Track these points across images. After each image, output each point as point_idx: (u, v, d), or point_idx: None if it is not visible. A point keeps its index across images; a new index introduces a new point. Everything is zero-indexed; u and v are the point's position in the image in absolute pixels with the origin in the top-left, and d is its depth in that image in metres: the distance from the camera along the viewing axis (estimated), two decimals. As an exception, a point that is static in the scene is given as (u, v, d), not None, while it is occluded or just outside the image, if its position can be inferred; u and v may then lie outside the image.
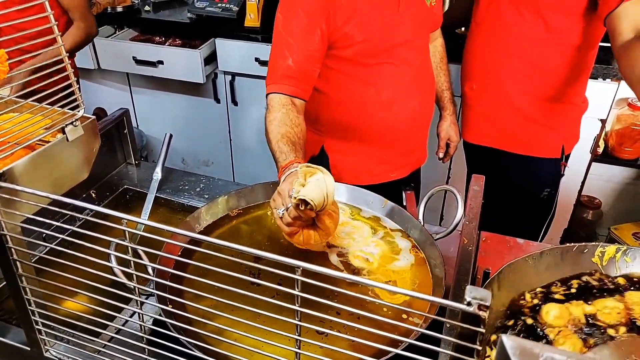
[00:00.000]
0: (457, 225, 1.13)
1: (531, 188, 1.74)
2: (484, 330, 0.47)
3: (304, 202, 0.93)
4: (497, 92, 1.62)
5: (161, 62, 2.52)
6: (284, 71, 1.27)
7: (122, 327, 0.76)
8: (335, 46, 1.34)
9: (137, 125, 2.92)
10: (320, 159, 1.52)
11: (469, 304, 0.47)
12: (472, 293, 0.48)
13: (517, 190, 1.75)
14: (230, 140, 2.79)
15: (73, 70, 0.84)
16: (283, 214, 0.99)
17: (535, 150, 1.66)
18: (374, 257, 1.12)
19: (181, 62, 2.49)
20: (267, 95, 1.28)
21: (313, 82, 1.32)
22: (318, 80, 1.41)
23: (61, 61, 0.75)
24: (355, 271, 1.09)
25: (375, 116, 1.43)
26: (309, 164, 1.00)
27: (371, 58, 1.37)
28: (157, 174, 1.45)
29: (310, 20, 1.27)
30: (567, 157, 1.71)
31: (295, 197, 0.94)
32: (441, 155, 1.74)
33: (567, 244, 1.05)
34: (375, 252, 1.13)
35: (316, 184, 0.94)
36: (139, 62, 2.55)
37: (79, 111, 0.80)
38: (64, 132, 0.78)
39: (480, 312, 0.47)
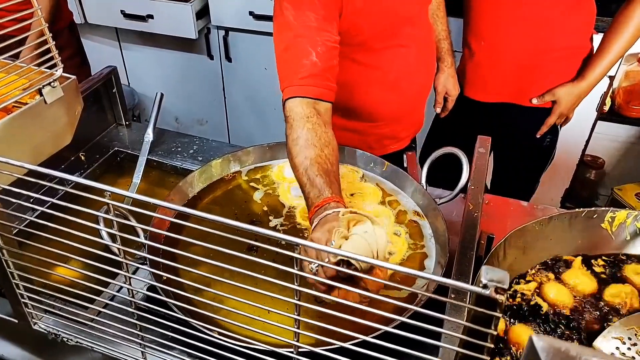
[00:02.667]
0: (462, 188, 1.09)
1: (535, 137, 1.71)
2: (500, 315, 0.43)
3: (346, 261, 0.74)
4: (508, 47, 1.57)
5: (151, 17, 2.41)
6: (308, 69, 1.04)
7: (111, 302, 0.72)
8: (343, 35, 1.19)
9: (128, 84, 2.83)
10: None
11: (485, 286, 0.43)
12: (488, 274, 0.43)
13: (521, 142, 1.73)
14: (225, 98, 2.71)
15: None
16: (317, 269, 0.76)
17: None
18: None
19: (172, 16, 2.38)
20: (284, 102, 1.05)
21: (337, 78, 1.11)
22: None
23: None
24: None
25: (380, 97, 1.36)
26: (354, 209, 0.80)
27: (378, 42, 1.27)
28: (149, 136, 1.39)
29: (327, 9, 1.10)
30: None
31: (334, 255, 0.73)
32: (438, 110, 1.69)
33: (576, 209, 1.02)
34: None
35: (363, 238, 0.74)
36: (128, 16, 2.44)
37: (56, 70, 0.73)
38: (41, 94, 0.72)
39: (498, 296, 0.43)
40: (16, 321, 0.80)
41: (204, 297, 0.65)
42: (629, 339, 0.81)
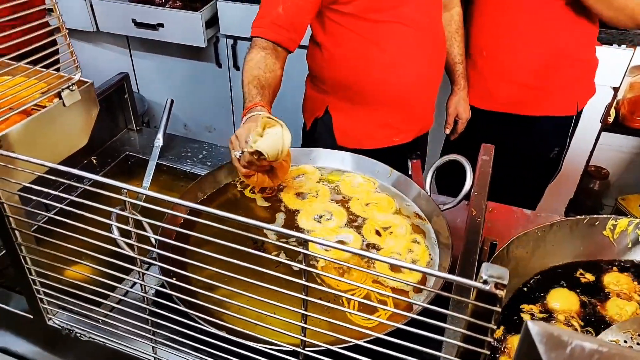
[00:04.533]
0: (465, 195, 1.11)
1: (541, 149, 1.72)
2: (499, 310, 0.45)
3: (259, 152, 0.97)
4: (509, 56, 1.59)
5: (161, 25, 2.45)
6: (273, 18, 1.24)
7: (124, 298, 0.74)
8: (337, 0, 1.30)
9: (138, 90, 2.87)
10: (324, 120, 1.49)
11: (485, 282, 0.45)
12: (488, 271, 0.45)
13: (525, 153, 1.74)
14: (232, 106, 2.74)
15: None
16: (240, 157, 1.03)
17: (548, 110, 1.64)
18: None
19: (182, 25, 2.42)
20: (251, 37, 1.26)
21: (302, 33, 1.29)
22: (324, 37, 1.38)
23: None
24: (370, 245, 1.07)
25: (378, 77, 1.39)
26: (271, 116, 1.03)
27: (375, 14, 1.32)
28: (159, 141, 1.42)
29: None
30: (581, 112, 1.69)
31: (250, 147, 0.97)
32: (448, 132, 1.71)
33: (578, 217, 1.03)
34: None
35: (273, 138, 0.97)
36: (139, 24, 2.49)
37: (75, 74, 0.76)
38: (60, 97, 0.75)
39: (498, 291, 0.45)
40: (31, 317, 0.83)
41: (213, 294, 0.67)
42: (625, 342, 0.82)
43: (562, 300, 0.95)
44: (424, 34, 1.39)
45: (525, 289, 0.97)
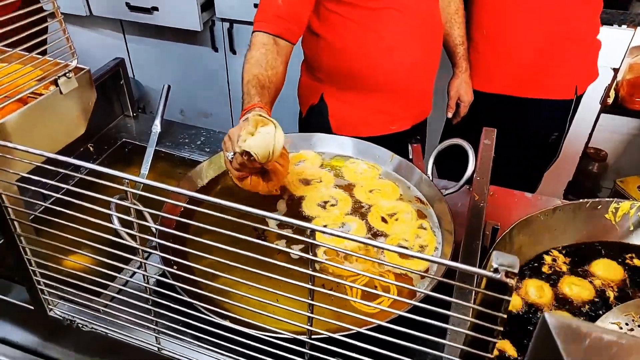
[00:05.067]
0: (467, 180, 1.10)
1: (540, 133, 1.72)
2: (510, 298, 0.45)
3: (248, 153, 0.92)
4: (511, 35, 1.57)
5: (156, 9, 2.41)
6: (273, 10, 1.21)
7: (123, 288, 0.74)
8: None
9: (133, 76, 2.84)
10: (319, 108, 1.48)
11: (495, 270, 0.45)
12: (499, 259, 0.45)
13: (523, 136, 1.74)
14: (229, 90, 2.71)
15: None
16: (232, 158, 0.97)
17: (547, 93, 1.64)
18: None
19: (177, 8, 2.38)
20: (252, 32, 1.23)
21: (303, 24, 1.27)
22: (319, 25, 1.36)
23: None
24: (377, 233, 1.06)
25: (375, 63, 1.38)
26: (263, 114, 0.97)
27: (372, 1, 1.30)
28: (157, 127, 1.40)
29: None
30: (580, 96, 1.68)
31: (239, 147, 0.92)
32: (450, 115, 1.70)
33: (580, 200, 1.03)
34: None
35: (264, 137, 0.91)
36: (133, 8, 2.44)
37: (71, 61, 0.74)
38: (57, 84, 0.73)
39: (508, 280, 0.44)
40: (32, 308, 0.82)
41: (215, 283, 0.66)
42: (626, 324, 0.83)
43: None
44: (420, 19, 1.37)
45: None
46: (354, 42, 1.36)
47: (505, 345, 0.83)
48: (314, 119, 1.50)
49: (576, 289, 0.92)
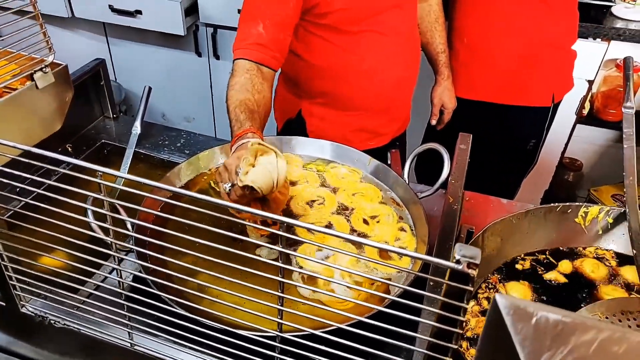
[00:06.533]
0: (442, 184, 1.12)
1: (518, 139, 1.75)
2: (472, 289, 0.46)
3: (250, 186, 0.86)
4: (491, 44, 1.61)
5: (139, 12, 2.41)
6: (254, 38, 1.17)
7: (101, 284, 0.74)
8: (313, 12, 1.25)
9: (115, 79, 2.82)
10: (297, 122, 1.46)
11: (458, 261, 0.46)
12: (461, 251, 0.46)
13: (502, 143, 1.77)
14: (212, 95, 2.72)
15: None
16: (229, 190, 0.91)
17: (526, 100, 1.67)
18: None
19: (161, 12, 2.38)
20: (233, 61, 1.18)
21: (285, 51, 1.23)
22: (298, 45, 1.34)
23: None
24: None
25: (356, 85, 1.37)
26: (263, 142, 0.91)
27: (353, 25, 1.29)
28: (137, 128, 1.40)
29: None
30: (557, 105, 1.72)
31: (241, 180, 0.86)
32: (434, 122, 1.71)
33: (551, 204, 1.06)
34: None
35: (265, 168, 0.86)
36: (116, 10, 2.44)
37: (48, 56, 0.74)
38: (32, 79, 0.73)
39: (470, 271, 0.46)
40: (3, 304, 0.81)
41: (190, 285, 0.67)
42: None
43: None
44: (400, 39, 1.37)
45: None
46: (334, 64, 1.34)
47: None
48: (291, 134, 1.49)
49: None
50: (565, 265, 1.01)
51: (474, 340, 0.86)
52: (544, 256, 1.04)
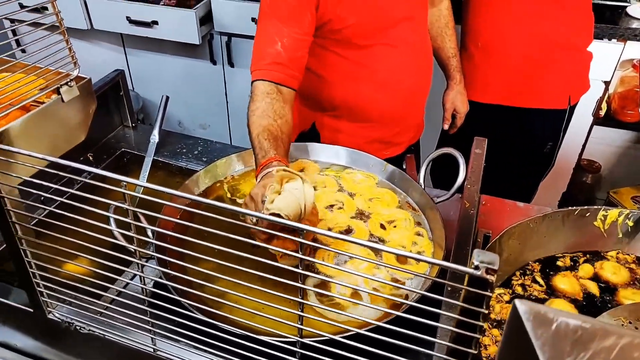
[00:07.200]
0: (458, 188, 1.12)
1: (534, 142, 1.74)
2: (492, 294, 0.47)
3: (277, 214, 0.83)
4: (505, 46, 1.60)
5: (156, 23, 2.46)
6: (272, 57, 1.14)
7: (124, 290, 0.75)
8: (326, 27, 1.25)
9: (133, 88, 2.87)
10: (310, 135, 1.46)
11: (476, 267, 0.47)
12: (479, 257, 0.47)
13: (519, 146, 1.76)
14: (227, 103, 2.75)
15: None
16: (257, 220, 0.85)
17: (542, 102, 1.66)
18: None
19: (176, 22, 2.42)
20: (252, 82, 1.16)
21: (302, 69, 1.21)
22: (311, 60, 1.31)
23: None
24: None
25: (369, 97, 1.37)
26: (287, 168, 0.90)
27: (365, 39, 1.29)
28: (155, 137, 1.43)
29: (300, 1, 1.17)
30: (574, 107, 1.71)
31: (267, 209, 0.83)
32: (446, 127, 1.71)
33: (569, 208, 1.05)
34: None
35: (292, 194, 0.83)
36: (133, 22, 2.49)
37: (73, 71, 0.77)
38: (59, 93, 0.76)
39: (488, 276, 0.46)
40: (31, 310, 0.83)
41: (210, 290, 0.68)
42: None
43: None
44: (412, 50, 1.37)
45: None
46: (347, 78, 1.34)
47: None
48: None
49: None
50: (587, 269, 1.00)
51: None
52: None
